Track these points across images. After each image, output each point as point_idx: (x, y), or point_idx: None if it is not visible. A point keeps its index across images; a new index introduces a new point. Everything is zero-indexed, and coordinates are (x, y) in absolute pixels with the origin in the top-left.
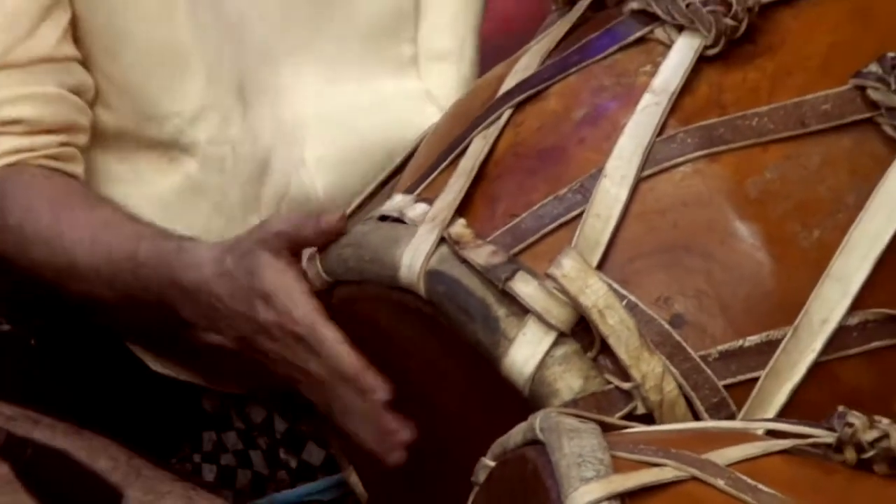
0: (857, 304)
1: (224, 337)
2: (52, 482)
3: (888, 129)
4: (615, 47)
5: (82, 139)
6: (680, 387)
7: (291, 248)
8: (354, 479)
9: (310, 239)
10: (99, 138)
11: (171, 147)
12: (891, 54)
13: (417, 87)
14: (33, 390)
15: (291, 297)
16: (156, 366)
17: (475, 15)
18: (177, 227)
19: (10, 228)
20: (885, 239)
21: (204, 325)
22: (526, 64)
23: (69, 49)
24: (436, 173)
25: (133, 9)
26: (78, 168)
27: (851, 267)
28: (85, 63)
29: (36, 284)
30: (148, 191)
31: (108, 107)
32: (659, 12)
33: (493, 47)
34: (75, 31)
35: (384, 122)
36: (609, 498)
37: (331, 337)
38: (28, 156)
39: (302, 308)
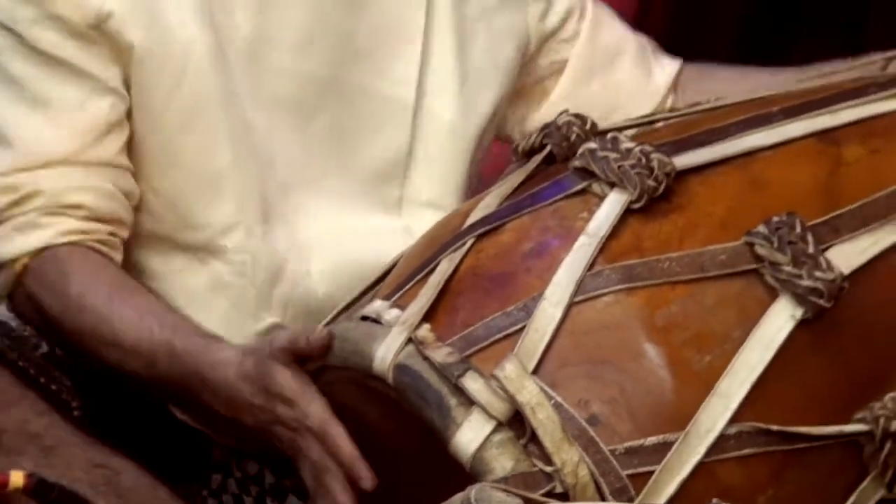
0: (736, 417)
1: (241, 421)
2: None
3: (769, 279)
4: (560, 196)
5: (125, 233)
6: (591, 473)
7: (294, 358)
8: None
9: (304, 350)
10: (140, 237)
11: (201, 250)
12: (775, 218)
13: (399, 224)
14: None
15: (306, 398)
16: (180, 414)
17: (462, 174)
18: (200, 317)
19: (70, 296)
20: (761, 368)
21: (222, 411)
22: (488, 203)
23: (124, 160)
24: (409, 285)
25: (184, 138)
26: (118, 256)
27: (733, 388)
28: (135, 175)
29: (49, 322)
30: (178, 284)
31: (151, 213)
32: (596, 171)
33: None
34: (131, 147)
35: (372, 247)
36: None
37: (337, 433)
38: (83, 238)
39: (315, 408)
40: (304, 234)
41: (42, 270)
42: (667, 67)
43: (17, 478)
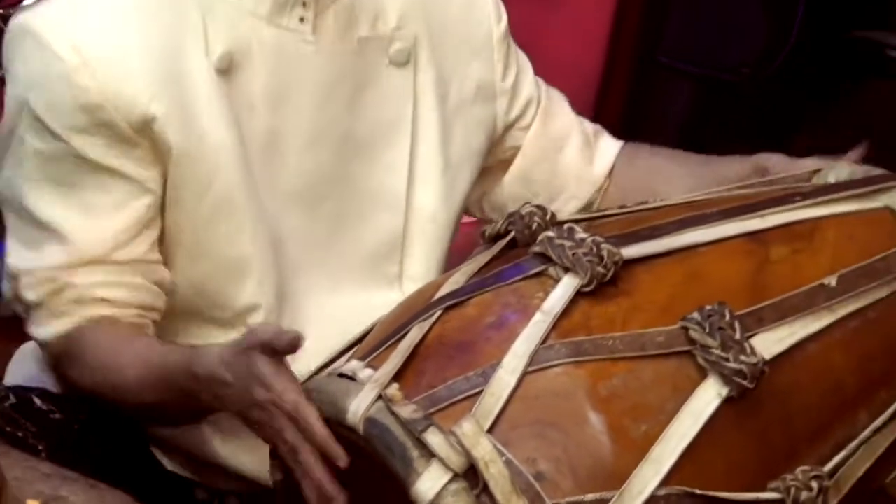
0: (665, 481)
1: (228, 411)
2: None
3: (700, 360)
4: (520, 277)
5: (154, 316)
6: None
7: (272, 351)
8: None
9: (276, 343)
10: (171, 314)
11: (226, 324)
12: (708, 307)
13: (398, 298)
14: (73, 463)
15: (281, 381)
16: (168, 465)
17: (442, 250)
18: None
19: (86, 363)
20: (689, 438)
21: (215, 406)
22: (456, 279)
23: (154, 255)
24: (382, 348)
25: (213, 229)
26: (148, 332)
27: (664, 455)
28: (167, 263)
29: (82, 390)
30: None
31: (183, 297)
32: (553, 256)
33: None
34: (163, 240)
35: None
36: None
37: (309, 413)
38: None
39: (289, 391)
40: (304, 312)
41: (67, 346)
42: (606, 153)
43: None
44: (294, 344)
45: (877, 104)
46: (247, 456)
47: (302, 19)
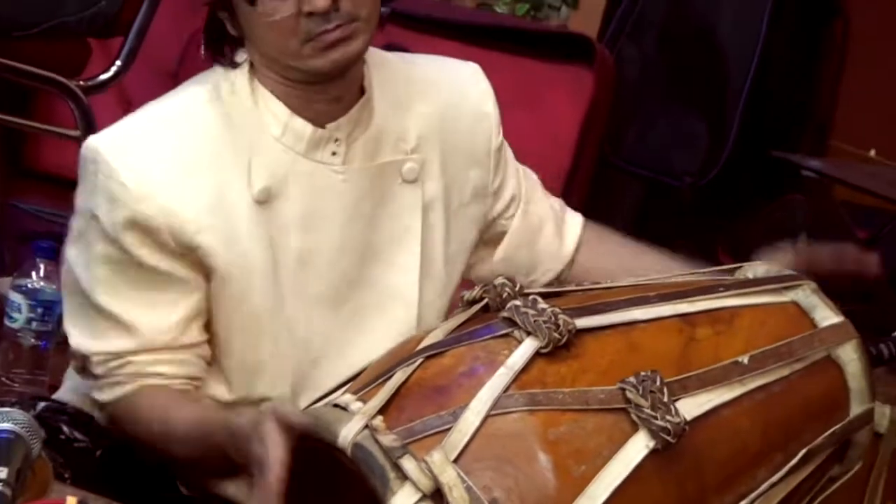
0: None
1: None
2: None
3: (634, 417)
4: (489, 336)
5: (199, 384)
6: None
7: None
8: None
9: (280, 417)
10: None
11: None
12: (642, 373)
13: None
14: (94, 488)
15: (274, 445)
16: (186, 489)
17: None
18: None
19: (141, 420)
20: (620, 480)
21: (240, 461)
22: (436, 334)
23: (203, 336)
24: (371, 386)
25: (236, 337)
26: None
27: (598, 492)
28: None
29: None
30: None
31: (225, 383)
32: (518, 321)
33: None
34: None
35: None
36: None
37: (274, 471)
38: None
39: (273, 451)
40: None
41: (123, 408)
42: (573, 231)
43: (71, 501)
44: (297, 427)
45: (791, 214)
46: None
47: (334, 153)
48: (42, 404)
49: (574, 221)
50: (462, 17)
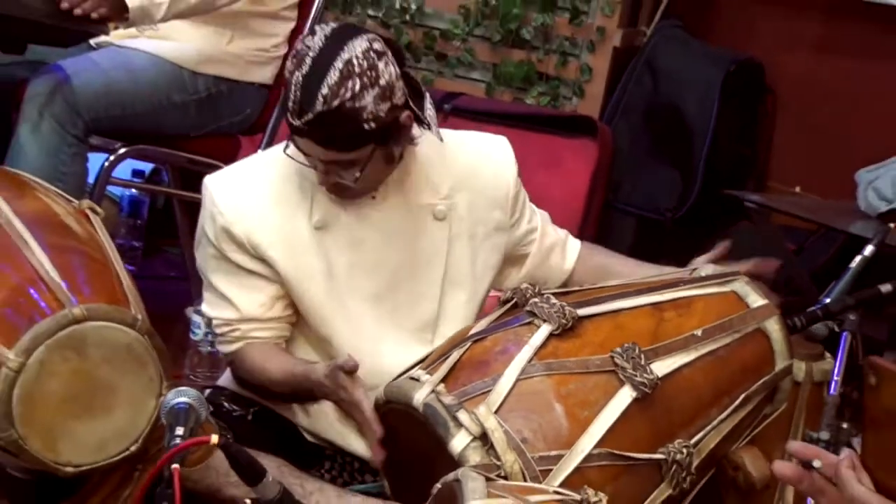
0: (597, 445)
1: (328, 399)
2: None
3: (621, 376)
4: (517, 324)
5: (284, 343)
6: (521, 467)
7: (346, 371)
8: (387, 485)
9: (349, 369)
10: (295, 344)
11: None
12: (626, 345)
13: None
14: (249, 443)
15: (351, 386)
16: (307, 437)
17: (467, 324)
18: None
19: (253, 368)
20: (612, 421)
21: (320, 396)
22: (481, 324)
23: (287, 311)
24: (435, 363)
25: (306, 315)
26: (282, 345)
27: (596, 430)
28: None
29: (254, 388)
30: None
31: (307, 347)
32: (537, 313)
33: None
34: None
35: (406, 364)
36: None
37: (365, 403)
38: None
39: (355, 391)
40: (378, 359)
41: (238, 358)
42: (572, 253)
43: (215, 438)
44: (353, 369)
45: (742, 235)
46: (352, 435)
47: (374, 196)
48: (208, 390)
49: (573, 245)
50: (503, 108)
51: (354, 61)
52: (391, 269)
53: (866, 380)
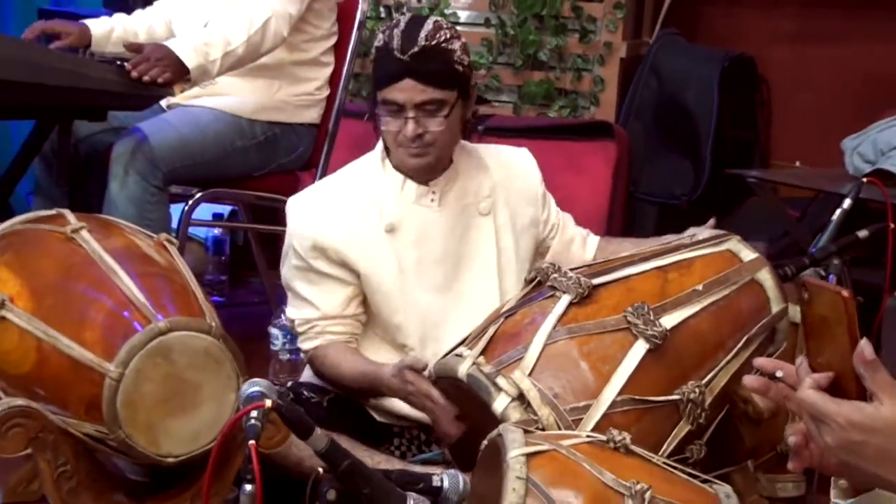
0: (619, 393)
1: (396, 396)
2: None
3: (634, 332)
4: (541, 298)
5: (356, 342)
6: (555, 419)
7: (414, 368)
8: (448, 452)
9: (418, 367)
10: (366, 340)
11: (394, 350)
12: (637, 304)
13: None
14: (325, 425)
15: (419, 383)
16: (378, 416)
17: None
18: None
19: (330, 365)
20: (630, 371)
21: (389, 394)
22: (511, 302)
23: (360, 310)
24: (475, 339)
25: (379, 311)
26: (355, 344)
27: (617, 380)
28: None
29: (329, 381)
30: (378, 356)
31: (379, 336)
32: (557, 287)
33: None
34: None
35: None
36: (523, 454)
37: (434, 393)
38: (335, 341)
39: (423, 386)
40: (442, 345)
41: (316, 355)
42: (592, 245)
43: (269, 402)
44: (422, 367)
45: (746, 210)
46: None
47: (432, 199)
48: (290, 383)
49: (593, 240)
50: (529, 122)
51: (441, 22)
52: (452, 261)
53: (801, 296)
